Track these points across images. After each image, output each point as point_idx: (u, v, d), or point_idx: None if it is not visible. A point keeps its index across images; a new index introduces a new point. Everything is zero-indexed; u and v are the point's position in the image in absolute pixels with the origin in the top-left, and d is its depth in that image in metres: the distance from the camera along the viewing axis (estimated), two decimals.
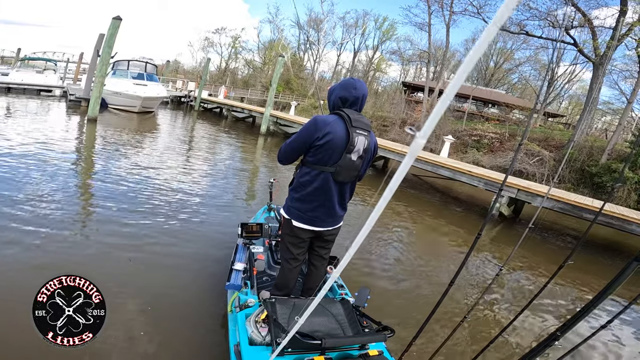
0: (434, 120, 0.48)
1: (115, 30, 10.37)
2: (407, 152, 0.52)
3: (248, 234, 2.70)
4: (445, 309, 3.21)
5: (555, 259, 5.61)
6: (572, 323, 1.09)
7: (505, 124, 19.07)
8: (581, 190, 11.43)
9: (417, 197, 8.33)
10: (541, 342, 1.15)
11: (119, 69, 15.73)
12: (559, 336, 1.11)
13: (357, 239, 0.66)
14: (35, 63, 18.63)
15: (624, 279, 0.99)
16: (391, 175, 0.55)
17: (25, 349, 1.98)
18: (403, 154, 9.40)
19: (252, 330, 1.73)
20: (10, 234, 3.22)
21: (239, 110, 19.41)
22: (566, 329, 1.10)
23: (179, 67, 44.15)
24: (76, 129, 9.65)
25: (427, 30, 21.40)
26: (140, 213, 4.25)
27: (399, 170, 0.54)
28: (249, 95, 31.22)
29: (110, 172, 5.74)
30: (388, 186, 0.56)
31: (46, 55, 23.91)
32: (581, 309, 1.08)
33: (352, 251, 0.68)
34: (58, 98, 16.00)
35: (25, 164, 5.29)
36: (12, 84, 15.46)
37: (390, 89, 36.78)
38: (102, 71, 10.51)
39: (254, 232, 2.73)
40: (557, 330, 1.12)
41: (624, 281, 1.00)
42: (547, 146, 14.60)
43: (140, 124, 12.53)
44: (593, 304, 1.05)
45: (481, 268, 4.67)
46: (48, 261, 2.91)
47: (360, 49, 38.77)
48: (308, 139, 1.87)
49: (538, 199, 6.82)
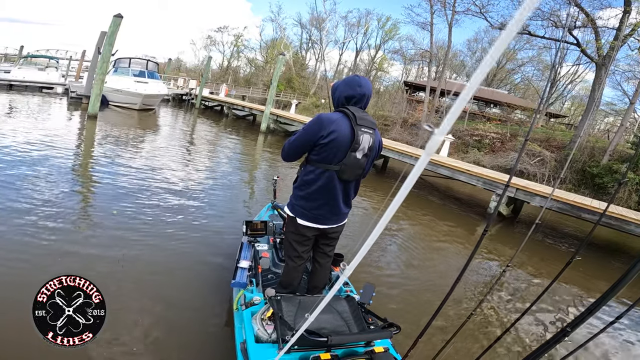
0: (453, 118, 0.49)
1: (116, 28, 10.37)
2: (409, 152, 0.51)
3: (253, 231, 2.70)
4: (450, 306, 3.22)
5: (558, 258, 5.61)
6: (583, 319, 1.09)
7: (506, 124, 19.04)
8: (582, 190, 11.41)
9: (417, 196, 8.32)
10: (551, 337, 1.16)
11: (121, 67, 15.75)
12: (569, 332, 1.11)
13: (369, 239, 0.65)
14: (37, 60, 18.65)
15: (632, 277, 0.99)
16: (405, 176, 0.55)
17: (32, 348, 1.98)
18: (403, 153, 9.38)
19: (258, 327, 1.74)
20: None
21: (240, 108, 19.40)
22: (576, 325, 1.11)
23: (182, 65, 44.15)
24: (75, 125, 9.67)
25: (429, 30, 21.32)
26: (139, 211, 4.24)
27: (415, 168, 0.54)
28: (251, 93, 31.22)
29: (107, 169, 5.75)
30: (403, 184, 0.55)
31: (49, 53, 23.93)
32: (590, 305, 1.08)
33: (365, 249, 0.68)
34: (60, 95, 16.01)
35: (21, 160, 5.30)
36: (14, 81, 15.48)
37: (392, 88, 36.73)
38: (102, 69, 10.52)
39: (259, 229, 2.72)
40: (567, 326, 1.12)
41: (631, 280, 1.00)
42: (548, 146, 14.57)
43: (140, 121, 12.54)
44: (601, 301, 1.05)
45: (481, 268, 4.67)
46: (44, 260, 2.91)
47: (362, 48, 38.78)
48: (312, 137, 1.84)
49: (537, 199, 6.80)
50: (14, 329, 2.07)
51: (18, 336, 2.01)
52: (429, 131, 0.52)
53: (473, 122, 19.54)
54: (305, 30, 38.72)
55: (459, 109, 0.48)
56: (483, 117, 22.09)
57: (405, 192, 0.56)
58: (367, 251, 0.69)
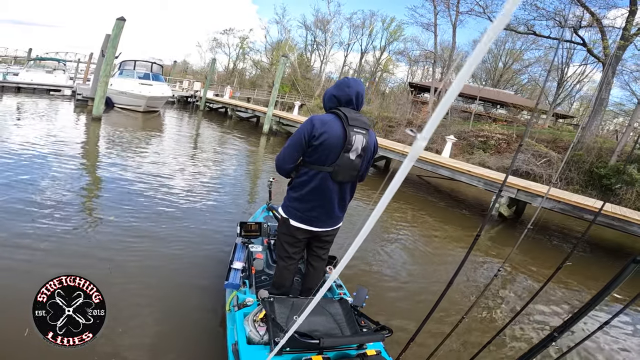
0: (435, 122, 0.48)
1: (119, 30, 10.49)
2: (408, 153, 0.51)
3: (247, 232, 2.70)
4: (443, 309, 3.19)
5: (556, 260, 5.53)
6: (570, 324, 1.07)
7: (512, 125, 18.88)
8: (589, 192, 11.26)
9: (419, 197, 8.26)
10: (538, 343, 1.14)
11: (126, 69, 15.92)
12: (556, 337, 1.09)
13: (356, 240, 0.65)
14: (45, 63, 18.90)
15: (622, 280, 0.98)
16: (392, 175, 0.54)
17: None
18: (405, 154, 9.30)
19: (250, 329, 1.74)
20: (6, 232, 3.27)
21: (243, 110, 19.50)
22: (564, 330, 1.09)
23: (188, 67, 44.44)
24: (79, 127, 9.77)
25: (433, 31, 21.25)
26: (136, 211, 4.27)
27: (400, 172, 0.53)
28: (256, 95, 31.34)
29: (108, 168, 5.81)
30: (388, 187, 0.55)
31: (58, 56, 24.26)
32: (579, 310, 1.06)
33: (351, 252, 0.68)
34: (68, 98, 16.20)
35: (23, 159, 5.38)
36: (22, 84, 15.71)
37: (397, 89, 36.64)
38: (106, 71, 10.64)
39: (253, 231, 2.72)
40: (555, 331, 1.10)
41: (622, 282, 0.98)
42: (555, 147, 14.41)
43: (144, 123, 12.66)
44: (591, 304, 1.03)
45: (479, 269, 4.62)
46: (46, 259, 2.93)
47: (367, 49, 38.75)
48: (304, 139, 1.85)
49: (538, 200, 6.70)
50: (12, 328, 2.09)
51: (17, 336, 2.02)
52: (411, 136, 0.51)
53: (479, 123, 19.42)
54: (310, 32, 38.84)
55: (442, 113, 0.47)
56: (489, 118, 21.95)
57: (390, 196, 0.55)
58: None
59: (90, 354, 2.02)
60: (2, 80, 15.52)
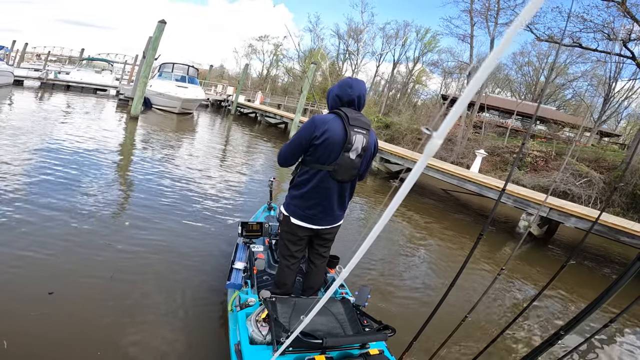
0: (452, 120, 0.49)
1: (160, 33, 11.02)
2: (422, 152, 0.52)
3: (248, 232, 2.71)
4: (446, 310, 3.06)
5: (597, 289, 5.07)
6: (577, 322, 1.09)
7: (552, 142, 17.82)
8: (630, 215, 10.38)
9: (442, 211, 7.98)
10: (545, 340, 1.15)
11: (165, 71, 16.76)
12: (562, 335, 1.11)
13: (366, 241, 0.66)
14: (95, 63, 20.35)
15: (628, 278, 1.00)
16: (403, 178, 0.56)
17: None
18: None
19: (252, 329, 1.75)
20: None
21: (272, 115, 19.87)
22: (570, 328, 1.10)
23: (224, 72, 46.18)
24: (117, 125, 10.31)
25: (470, 42, 20.66)
26: (135, 211, 4.30)
27: (414, 169, 0.54)
28: (286, 102, 31.88)
29: (139, 165, 6.12)
30: (400, 188, 0.56)
31: (109, 57, 26.05)
32: (585, 308, 1.07)
33: (360, 253, 0.69)
34: (112, 97, 17.27)
35: (64, 153, 5.77)
36: (71, 82, 16.96)
37: (430, 102, 35.88)
38: (145, 72, 11.18)
39: (254, 231, 2.74)
40: (561, 329, 1.11)
41: (628, 281, 1.00)
42: (597, 167, 13.42)
43: (178, 124, 13.21)
44: (597, 303, 1.05)
45: (502, 292, 4.33)
46: (69, 254, 3.03)
47: (400, 60, 38.31)
48: (306, 138, 1.89)
49: (572, 219, 6.29)
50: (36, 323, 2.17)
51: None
52: (427, 134, 0.52)
53: (516, 139, 18.51)
54: (343, 41, 39.06)
55: (458, 112, 0.49)
56: (527, 135, 20.86)
57: (401, 198, 0.57)
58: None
59: (91, 354, 2.03)
60: (54, 78, 16.85)
